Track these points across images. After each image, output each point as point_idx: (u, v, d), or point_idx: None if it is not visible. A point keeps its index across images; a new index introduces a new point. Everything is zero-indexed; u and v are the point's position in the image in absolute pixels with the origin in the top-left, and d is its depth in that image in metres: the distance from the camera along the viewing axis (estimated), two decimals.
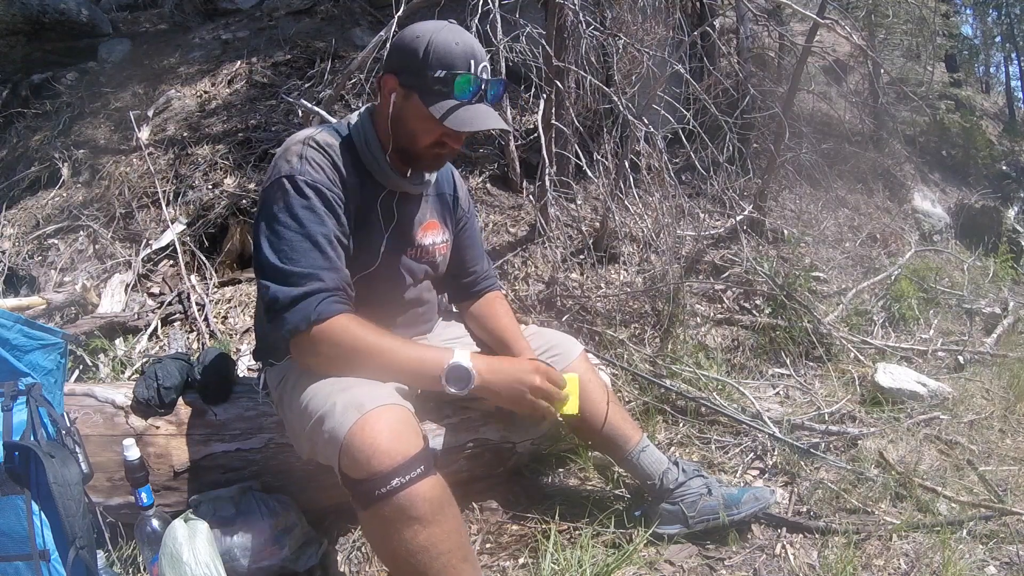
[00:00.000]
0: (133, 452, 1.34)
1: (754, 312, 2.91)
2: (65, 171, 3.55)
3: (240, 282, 2.93)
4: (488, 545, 1.60)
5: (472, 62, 1.23)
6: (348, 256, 1.29)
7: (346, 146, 1.33)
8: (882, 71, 4.05)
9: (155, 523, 1.35)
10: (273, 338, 1.41)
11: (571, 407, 1.38)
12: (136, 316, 2.64)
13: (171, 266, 2.95)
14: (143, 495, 1.35)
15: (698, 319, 2.80)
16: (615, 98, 2.68)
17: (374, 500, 1.06)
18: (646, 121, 2.72)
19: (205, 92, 4.08)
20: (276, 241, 1.21)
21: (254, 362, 2.41)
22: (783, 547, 1.57)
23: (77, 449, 1.24)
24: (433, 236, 1.51)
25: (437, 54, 1.22)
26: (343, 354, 1.21)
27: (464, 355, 1.26)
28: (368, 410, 1.11)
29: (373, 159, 1.34)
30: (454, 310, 1.78)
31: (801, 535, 1.61)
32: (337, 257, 1.24)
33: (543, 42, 2.77)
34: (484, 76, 1.25)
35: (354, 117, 1.39)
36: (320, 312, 1.18)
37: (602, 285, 2.88)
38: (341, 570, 1.52)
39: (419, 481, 1.07)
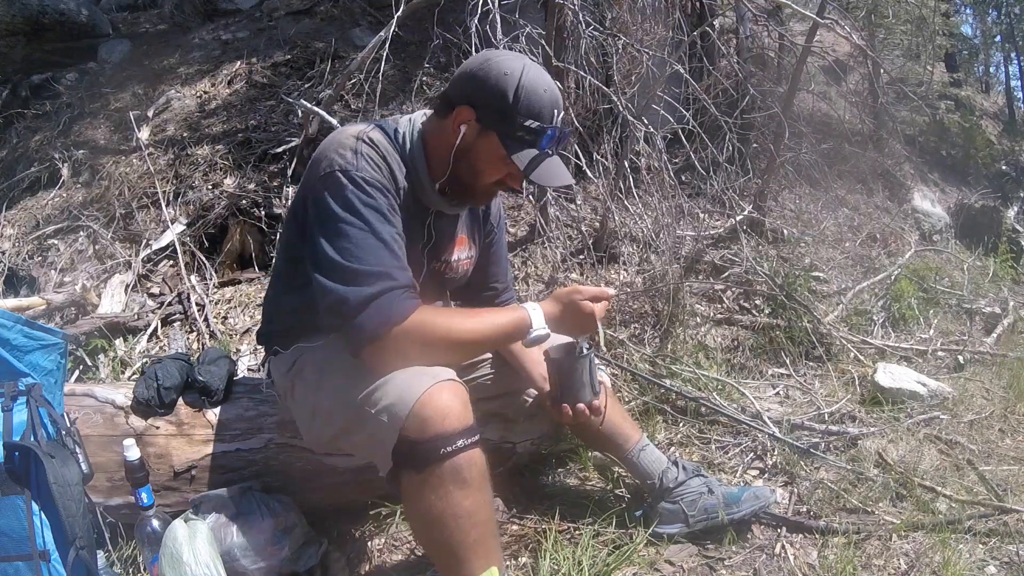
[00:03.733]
0: (133, 452, 1.34)
1: (754, 312, 2.91)
2: (65, 171, 3.55)
3: (240, 282, 2.93)
4: None
5: (555, 112, 1.22)
6: None
7: (400, 159, 1.29)
8: (882, 71, 4.05)
9: (155, 523, 1.35)
10: (285, 325, 1.42)
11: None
12: (136, 316, 2.64)
13: (171, 266, 2.95)
14: (143, 495, 1.35)
15: (698, 319, 2.80)
16: (615, 98, 2.68)
17: (436, 459, 1.10)
18: (646, 121, 2.72)
19: (205, 92, 4.08)
20: (338, 239, 1.15)
21: (255, 360, 2.42)
22: (783, 547, 1.57)
23: (77, 449, 1.25)
24: (459, 252, 1.48)
25: (528, 101, 1.18)
26: (433, 346, 1.18)
27: (539, 317, 1.28)
28: (443, 379, 1.15)
29: (418, 179, 1.31)
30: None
31: (801, 535, 1.61)
32: (403, 256, 1.21)
33: (543, 42, 2.77)
34: (562, 127, 1.25)
35: (402, 127, 1.33)
36: (399, 312, 1.14)
37: (602, 285, 2.88)
38: (341, 570, 1.52)
39: (478, 447, 1.14)
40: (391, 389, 1.14)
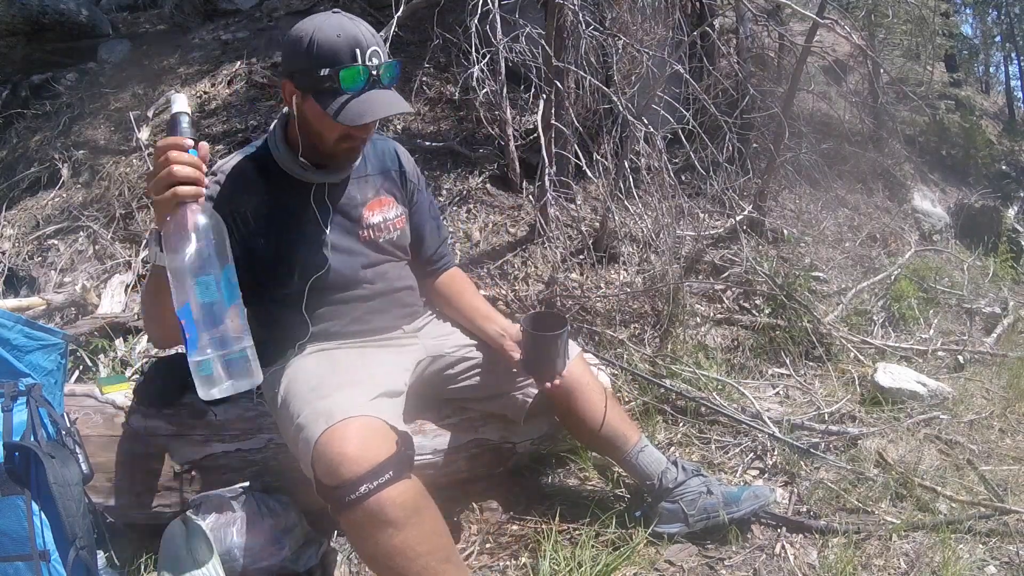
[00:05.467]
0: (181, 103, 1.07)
1: (754, 312, 2.91)
2: (65, 172, 3.55)
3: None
4: (488, 545, 1.60)
5: (357, 51, 1.21)
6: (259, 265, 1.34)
7: (259, 160, 1.37)
8: (882, 71, 4.05)
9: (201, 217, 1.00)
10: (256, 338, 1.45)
11: None
12: (136, 316, 2.64)
13: None
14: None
15: (698, 319, 2.80)
16: (615, 98, 2.68)
17: (345, 506, 1.09)
18: (646, 121, 2.72)
19: (205, 93, 4.08)
20: None
21: None
22: (783, 547, 1.57)
23: (77, 449, 1.25)
24: (383, 212, 1.50)
25: (321, 51, 1.20)
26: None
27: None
28: (336, 420, 1.14)
29: (288, 162, 1.36)
30: None
31: (801, 535, 1.61)
32: None
33: (543, 42, 2.77)
34: (374, 62, 1.22)
35: (273, 125, 1.41)
36: None
37: (602, 285, 2.88)
38: (341, 570, 1.52)
39: (388, 486, 1.09)
40: (304, 430, 1.18)
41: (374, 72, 1.22)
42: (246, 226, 1.34)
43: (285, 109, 1.39)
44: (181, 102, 1.06)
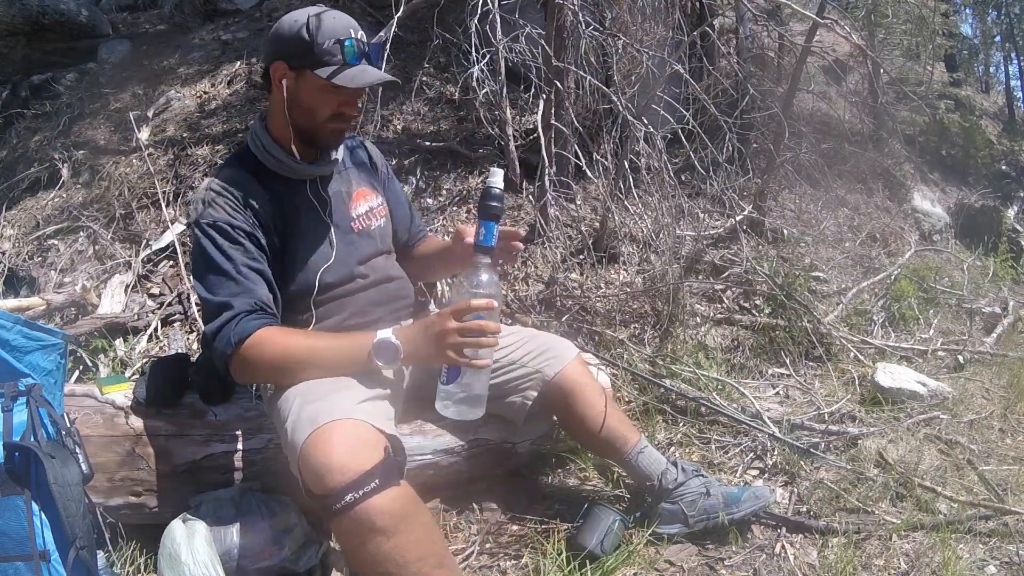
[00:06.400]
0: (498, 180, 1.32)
1: (754, 312, 2.91)
2: (65, 172, 3.55)
3: None
4: (488, 545, 1.60)
5: (351, 30, 1.32)
6: (270, 274, 1.34)
7: (249, 168, 1.40)
8: (882, 71, 4.05)
9: (484, 276, 1.27)
10: None
11: None
12: (136, 317, 2.64)
13: (171, 267, 2.95)
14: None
15: (698, 319, 2.80)
16: (615, 98, 2.68)
17: (332, 515, 1.09)
18: (646, 121, 2.72)
19: (205, 93, 4.08)
20: (201, 280, 1.32)
21: None
22: (783, 547, 1.57)
23: (77, 450, 1.24)
24: (368, 202, 1.55)
25: (322, 28, 1.29)
26: (274, 364, 1.28)
27: (387, 330, 1.28)
28: (321, 424, 1.13)
29: (276, 161, 1.39)
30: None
31: (801, 535, 1.61)
32: (250, 282, 1.30)
33: (543, 42, 2.77)
34: (364, 40, 1.34)
35: (251, 134, 1.44)
36: (239, 333, 1.25)
37: (602, 285, 2.88)
38: (341, 570, 1.52)
39: (375, 495, 1.07)
40: (291, 434, 1.18)
41: (366, 48, 1.34)
42: (265, 229, 1.36)
43: (255, 119, 1.44)
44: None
